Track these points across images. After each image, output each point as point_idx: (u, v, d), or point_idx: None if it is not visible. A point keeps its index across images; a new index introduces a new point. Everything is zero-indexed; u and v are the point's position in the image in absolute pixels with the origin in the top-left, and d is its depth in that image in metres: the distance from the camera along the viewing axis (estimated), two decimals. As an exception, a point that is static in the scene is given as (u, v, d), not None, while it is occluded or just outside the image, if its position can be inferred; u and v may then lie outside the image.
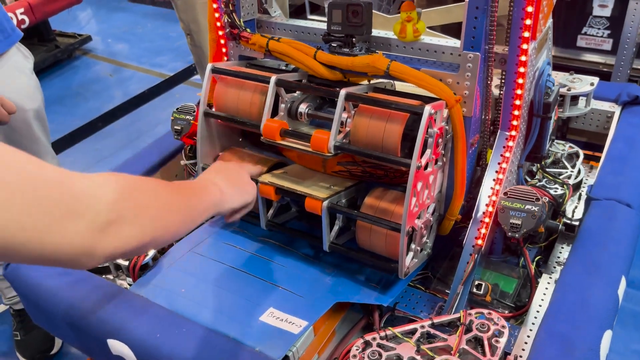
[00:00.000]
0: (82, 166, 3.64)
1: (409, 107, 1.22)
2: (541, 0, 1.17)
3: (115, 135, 3.95)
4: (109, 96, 4.49)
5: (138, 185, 0.84)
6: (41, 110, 2.48)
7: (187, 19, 2.68)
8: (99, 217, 0.73)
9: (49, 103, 4.46)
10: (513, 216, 1.26)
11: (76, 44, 4.98)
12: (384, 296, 1.35)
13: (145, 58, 4.97)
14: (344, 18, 1.37)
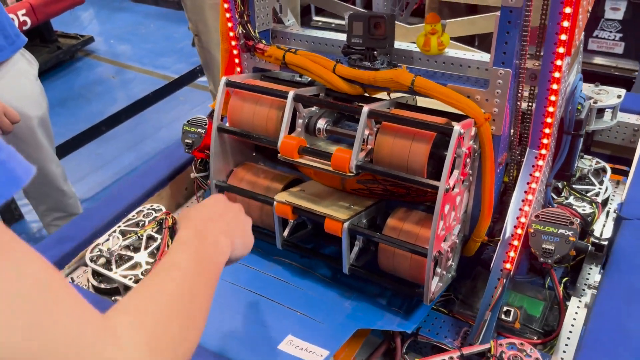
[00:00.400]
0: (85, 171, 3.59)
1: (437, 126, 1.16)
2: (577, 14, 1.11)
3: (119, 139, 3.89)
4: (111, 98, 4.43)
5: (162, 337, 0.68)
6: (45, 117, 2.42)
7: (195, 19, 2.63)
8: None
9: (52, 105, 4.40)
10: (545, 241, 1.20)
11: (78, 45, 4.92)
12: (407, 322, 1.29)
13: (148, 59, 4.91)
14: (365, 30, 1.30)
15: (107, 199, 1.67)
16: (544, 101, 1.22)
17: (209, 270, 0.83)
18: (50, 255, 1.48)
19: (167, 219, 1.53)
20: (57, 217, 2.64)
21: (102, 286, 1.46)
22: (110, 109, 4.12)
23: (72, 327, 0.55)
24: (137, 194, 1.67)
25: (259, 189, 1.43)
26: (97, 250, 1.48)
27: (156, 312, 0.69)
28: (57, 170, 2.51)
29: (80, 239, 1.53)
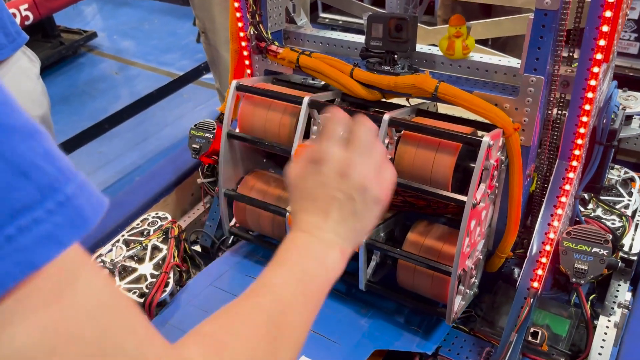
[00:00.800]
0: (87, 170, 3.51)
1: (463, 137, 1.08)
2: (618, 19, 1.03)
3: (121, 137, 3.82)
4: (115, 95, 4.36)
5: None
6: (47, 117, 2.35)
7: (203, 16, 2.56)
8: None
9: (54, 102, 4.32)
10: (578, 260, 1.13)
11: (81, 41, 4.83)
12: (427, 342, 1.22)
13: (153, 56, 4.82)
14: (385, 33, 1.23)
15: (111, 205, 1.60)
16: (577, 110, 1.14)
17: (313, 296, 0.67)
18: (50, 265, 1.41)
19: (173, 228, 1.46)
20: (58, 219, 2.58)
21: (104, 299, 1.39)
22: (114, 106, 4.04)
23: (135, 355, 0.47)
24: (141, 200, 1.60)
25: (270, 199, 1.36)
26: (100, 261, 1.41)
27: (236, 349, 0.57)
28: (58, 171, 2.44)
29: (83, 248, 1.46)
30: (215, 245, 1.55)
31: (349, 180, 0.71)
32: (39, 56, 4.51)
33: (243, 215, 1.42)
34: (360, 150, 0.73)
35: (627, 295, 1.33)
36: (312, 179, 0.73)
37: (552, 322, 1.32)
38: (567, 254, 1.14)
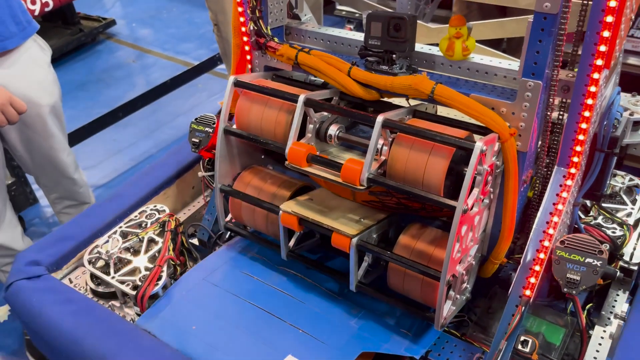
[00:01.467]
0: (100, 157, 3.55)
1: (457, 141, 1.06)
2: (620, 24, 1.00)
3: (136, 125, 3.85)
4: (131, 83, 4.39)
5: None
6: (57, 105, 2.37)
7: (215, 9, 2.56)
8: None
9: (72, 88, 4.39)
10: (570, 270, 1.10)
11: (100, 28, 4.87)
12: (416, 346, 1.21)
13: (170, 44, 4.84)
14: (384, 32, 1.21)
15: (111, 197, 1.61)
16: (576, 116, 1.11)
17: None
18: (48, 254, 1.43)
19: (170, 221, 1.47)
20: (68, 206, 2.61)
21: (99, 289, 1.41)
22: (129, 94, 4.07)
23: None
24: (142, 193, 1.61)
25: (265, 196, 1.36)
26: (95, 252, 1.42)
27: None
28: (68, 159, 2.47)
29: (80, 239, 1.48)
30: (212, 240, 1.55)
31: None
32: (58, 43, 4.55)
33: (238, 211, 1.42)
34: None
35: (625, 306, 1.30)
36: None
37: (547, 330, 1.29)
38: (560, 263, 1.12)
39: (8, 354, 2.33)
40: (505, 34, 1.36)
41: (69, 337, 1.22)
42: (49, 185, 2.59)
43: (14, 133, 2.26)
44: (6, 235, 2.43)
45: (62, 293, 1.32)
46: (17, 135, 2.27)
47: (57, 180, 2.55)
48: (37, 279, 1.36)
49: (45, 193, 2.66)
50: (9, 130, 2.22)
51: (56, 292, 1.33)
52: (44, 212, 3.27)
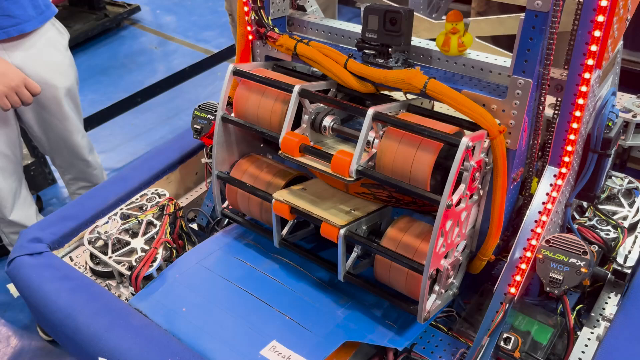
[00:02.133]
0: (118, 141, 3.62)
1: (443, 136, 1.07)
2: (612, 24, 0.99)
3: (154, 111, 3.90)
4: (152, 69, 4.44)
5: None
6: (73, 88, 2.42)
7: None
8: None
9: (95, 73, 4.46)
10: (554, 269, 1.10)
11: (125, 14, 4.94)
12: (400, 338, 1.22)
13: (192, 32, 4.89)
14: (380, 25, 1.21)
15: (114, 179, 1.66)
16: (567, 116, 1.10)
17: None
18: (51, 232, 1.48)
19: (169, 205, 1.50)
20: (81, 187, 2.67)
21: (98, 268, 1.45)
22: (150, 80, 4.14)
23: None
24: (144, 176, 1.65)
25: (260, 184, 1.38)
26: (95, 232, 1.46)
27: None
28: (82, 141, 2.53)
29: (82, 219, 1.52)
30: (210, 225, 1.58)
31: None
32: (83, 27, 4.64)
33: (235, 198, 1.44)
34: None
35: (614, 309, 1.29)
36: None
37: (536, 330, 1.29)
38: (544, 262, 1.11)
39: (19, 328, 2.41)
40: (505, 31, 1.35)
41: (64, 313, 1.27)
42: (64, 166, 2.65)
43: (31, 113, 2.31)
44: (21, 213, 2.50)
45: (61, 270, 1.37)
46: (34, 116, 2.33)
47: (71, 161, 2.61)
48: (39, 256, 1.41)
49: (60, 174, 2.73)
50: (25, 110, 2.28)
51: (55, 269, 1.37)
52: (61, 193, 3.35)
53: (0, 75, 1.91)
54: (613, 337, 1.12)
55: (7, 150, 2.31)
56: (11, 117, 2.29)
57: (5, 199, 2.38)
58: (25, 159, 3.16)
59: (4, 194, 2.37)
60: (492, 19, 1.38)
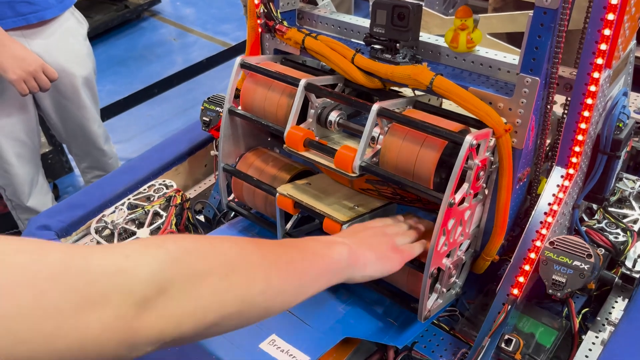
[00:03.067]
0: (134, 131, 3.66)
1: (447, 134, 1.05)
2: (622, 23, 0.96)
3: (171, 102, 3.94)
4: (170, 61, 4.48)
5: (198, 248, 0.65)
6: (91, 78, 2.45)
7: None
8: (130, 296, 0.56)
9: (114, 63, 4.51)
10: (557, 272, 1.08)
11: (145, 5, 4.98)
12: (400, 337, 1.21)
13: (211, 24, 4.91)
14: (388, 20, 1.20)
15: (123, 169, 1.67)
16: (575, 116, 1.08)
17: (291, 254, 0.78)
18: (59, 220, 1.50)
19: (176, 197, 1.51)
20: (96, 175, 2.71)
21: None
22: (168, 71, 4.17)
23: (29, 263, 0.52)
24: (153, 167, 1.66)
25: (266, 177, 1.38)
26: (102, 222, 1.48)
27: (189, 247, 0.64)
28: (98, 130, 2.56)
29: (90, 207, 1.54)
30: (217, 217, 1.59)
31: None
32: (104, 18, 4.70)
33: (240, 191, 1.45)
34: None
35: (621, 313, 1.27)
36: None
37: (541, 332, 1.28)
38: (547, 264, 1.10)
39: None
40: (515, 28, 1.32)
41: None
42: (80, 154, 2.69)
43: (49, 101, 2.35)
44: (37, 200, 2.54)
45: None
46: (51, 103, 2.37)
47: (87, 150, 2.64)
48: (46, 243, 1.43)
49: (76, 162, 2.77)
50: (43, 97, 2.32)
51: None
52: (77, 181, 3.40)
53: (19, 60, 1.94)
54: (616, 342, 1.10)
55: (26, 137, 2.35)
56: (30, 104, 2.32)
57: (23, 186, 2.42)
58: (43, 147, 3.21)
59: (22, 181, 2.41)
60: (503, 15, 1.35)
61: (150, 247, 0.61)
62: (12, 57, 1.90)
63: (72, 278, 0.53)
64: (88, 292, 0.53)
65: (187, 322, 0.60)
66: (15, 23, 2.02)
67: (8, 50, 1.90)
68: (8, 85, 2.02)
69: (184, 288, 0.60)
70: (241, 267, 0.67)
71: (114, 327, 0.55)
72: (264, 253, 0.72)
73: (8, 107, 2.18)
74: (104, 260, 0.56)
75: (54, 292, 0.51)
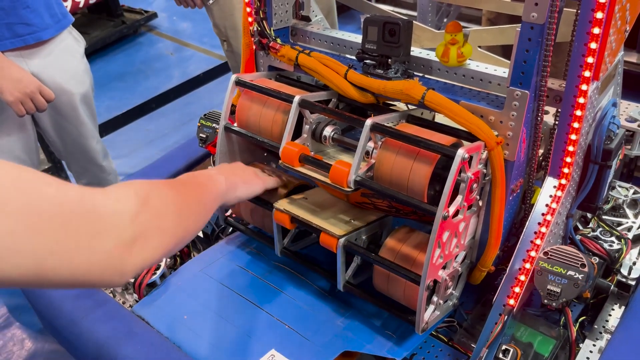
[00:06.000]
0: (133, 146, 3.67)
1: (439, 148, 1.07)
2: (608, 36, 0.98)
3: (169, 117, 3.96)
4: (167, 75, 4.50)
5: (152, 192, 0.83)
6: (89, 95, 2.47)
7: (224, 25, 2.56)
8: (124, 233, 0.73)
9: (112, 79, 4.53)
10: (551, 282, 1.09)
11: (142, 21, 5.02)
12: (399, 348, 1.22)
13: (207, 38, 4.94)
14: (379, 36, 1.22)
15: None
16: (565, 127, 1.10)
17: (197, 191, 1.02)
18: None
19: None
20: (96, 192, 2.71)
21: (104, 275, 1.47)
22: (165, 86, 4.19)
23: (55, 195, 0.67)
24: (151, 184, 1.67)
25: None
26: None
27: (148, 192, 0.81)
28: (97, 146, 2.57)
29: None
30: (215, 233, 1.60)
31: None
32: (101, 34, 4.72)
33: (237, 207, 1.46)
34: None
35: (617, 321, 1.28)
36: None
37: (539, 341, 1.28)
38: (542, 274, 1.11)
39: (34, 331, 2.45)
40: (506, 41, 1.34)
41: (68, 318, 1.29)
42: (79, 171, 2.70)
43: (47, 119, 2.36)
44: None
45: (67, 277, 1.39)
46: (50, 121, 2.38)
47: (86, 166, 2.65)
48: (46, 262, 1.44)
49: (75, 179, 2.77)
50: (42, 116, 2.33)
51: (62, 275, 1.40)
52: (77, 197, 3.39)
53: (16, 81, 1.95)
54: (613, 350, 1.11)
55: (24, 155, 2.36)
56: (28, 123, 2.34)
57: None
58: (42, 164, 3.22)
59: None
60: (493, 29, 1.37)
61: (130, 194, 0.78)
62: (9, 78, 1.92)
63: (85, 213, 0.69)
64: (96, 225, 0.69)
65: (159, 252, 0.80)
66: (13, 44, 2.04)
67: (5, 72, 1.92)
68: (6, 105, 2.03)
69: (156, 227, 0.79)
70: (181, 209, 0.90)
71: (113, 254, 0.71)
72: (186, 197, 0.95)
73: (7, 126, 2.20)
74: (104, 202, 0.72)
75: (75, 221, 0.67)
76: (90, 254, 0.68)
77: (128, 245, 0.73)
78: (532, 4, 0.99)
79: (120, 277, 0.73)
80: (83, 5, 4.46)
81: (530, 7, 0.99)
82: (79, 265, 0.67)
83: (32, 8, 2.06)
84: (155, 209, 0.80)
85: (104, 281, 0.72)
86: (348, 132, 1.40)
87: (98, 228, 0.69)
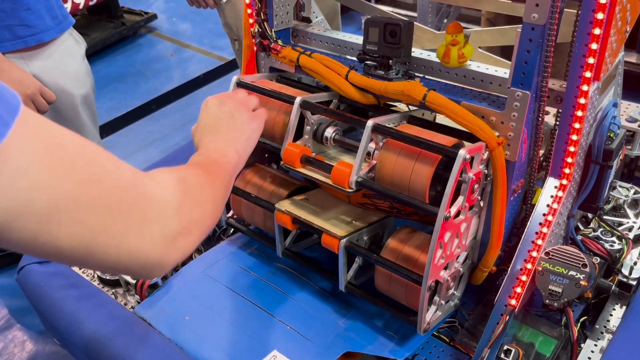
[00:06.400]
0: (133, 148, 3.67)
1: (441, 149, 1.07)
2: (608, 37, 0.98)
3: (169, 118, 3.95)
4: (167, 77, 4.50)
5: (190, 179, 0.80)
6: (89, 96, 2.47)
7: (236, 25, 2.58)
8: (171, 224, 0.70)
9: (112, 80, 4.53)
10: (553, 282, 1.10)
11: (142, 22, 5.02)
12: (401, 349, 1.22)
13: (207, 39, 4.94)
14: (380, 37, 1.22)
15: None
16: (566, 128, 1.10)
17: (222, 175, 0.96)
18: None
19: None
20: (96, 194, 2.71)
21: (105, 277, 1.47)
22: (165, 87, 4.19)
23: (115, 171, 0.64)
24: (152, 185, 1.67)
25: (264, 194, 1.39)
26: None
27: (186, 181, 0.77)
28: (97, 149, 2.57)
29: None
30: (216, 234, 1.60)
31: (224, 107, 1.20)
32: (101, 35, 4.72)
33: (239, 208, 1.46)
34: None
35: (619, 321, 1.28)
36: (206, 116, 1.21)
37: (540, 341, 1.29)
38: (544, 274, 1.11)
39: (35, 332, 2.45)
40: (506, 42, 1.34)
41: (70, 320, 1.29)
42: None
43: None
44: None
45: (69, 278, 1.40)
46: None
47: (86, 168, 2.65)
48: (48, 264, 1.44)
49: (76, 181, 2.77)
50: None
51: (63, 277, 1.40)
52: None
53: (17, 83, 1.96)
54: (614, 350, 1.11)
55: None
56: None
57: None
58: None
59: None
60: (493, 29, 1.37)
61: (173, 183, 0.74)
62: (10, 80, 1.92)
63: (137, 196, 0.66)
64: (146, 211, 0.66)
65: (195, 245, 0.77)
66: (14, 46, 2.04)
67: (6, 74, 1.92)
68: (7, 107, 2.03)
69: (196, 221, 0.76)
70: (215, 198, 0.87)
71: (160, 243, 0.68)
72: (215, 185, 0.89)
73: (7, 128, 2.20)
74: (153, 187, 0.69)
75: (128, 202, 0.64)
76: (139, 239, 0.65)
77: (173, 238, 0.70)
78: (533, 4, 0.99)
79: (160, 269, 0.71)
80: (83, 6, 4.46)
81: (531, 8, 1.00)
82: (127, 248, 0.65)
83: (33, 10, 2.07)
84: (195, 199, 0.77)
85: (145, 270, 0.69)
86: (349, 133, 1.40)
87: (147, 214, 0.67)
